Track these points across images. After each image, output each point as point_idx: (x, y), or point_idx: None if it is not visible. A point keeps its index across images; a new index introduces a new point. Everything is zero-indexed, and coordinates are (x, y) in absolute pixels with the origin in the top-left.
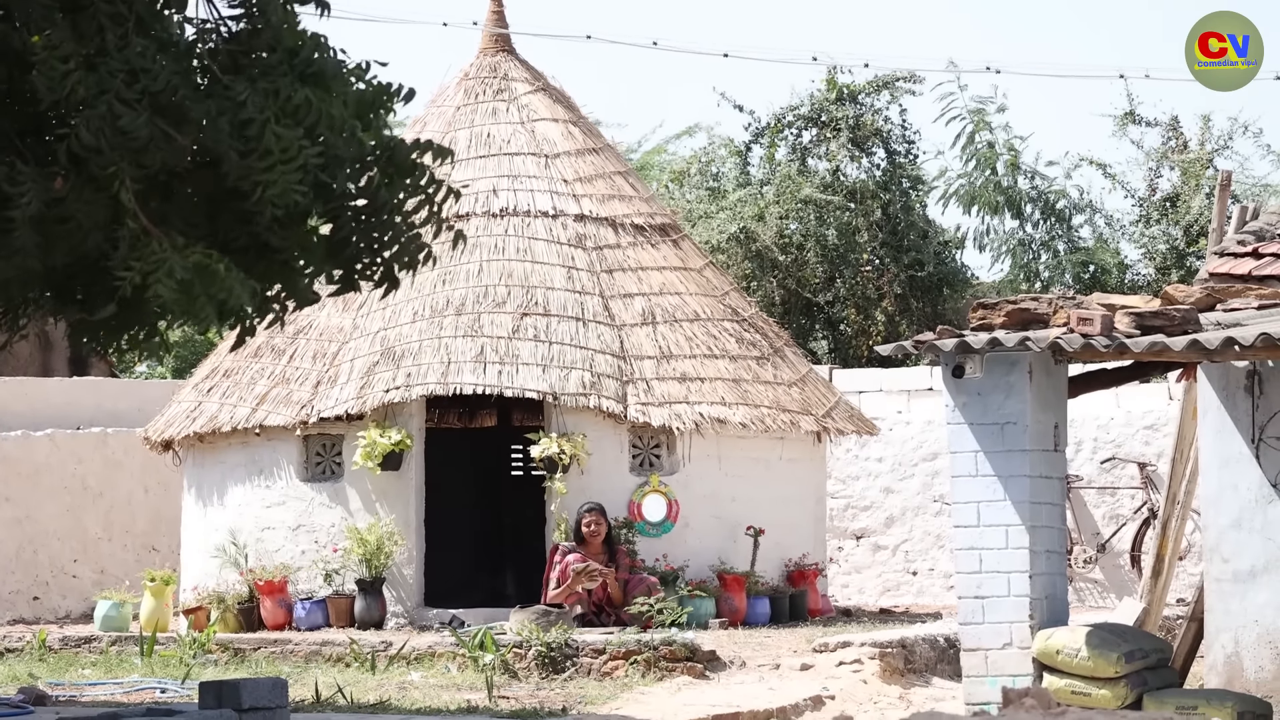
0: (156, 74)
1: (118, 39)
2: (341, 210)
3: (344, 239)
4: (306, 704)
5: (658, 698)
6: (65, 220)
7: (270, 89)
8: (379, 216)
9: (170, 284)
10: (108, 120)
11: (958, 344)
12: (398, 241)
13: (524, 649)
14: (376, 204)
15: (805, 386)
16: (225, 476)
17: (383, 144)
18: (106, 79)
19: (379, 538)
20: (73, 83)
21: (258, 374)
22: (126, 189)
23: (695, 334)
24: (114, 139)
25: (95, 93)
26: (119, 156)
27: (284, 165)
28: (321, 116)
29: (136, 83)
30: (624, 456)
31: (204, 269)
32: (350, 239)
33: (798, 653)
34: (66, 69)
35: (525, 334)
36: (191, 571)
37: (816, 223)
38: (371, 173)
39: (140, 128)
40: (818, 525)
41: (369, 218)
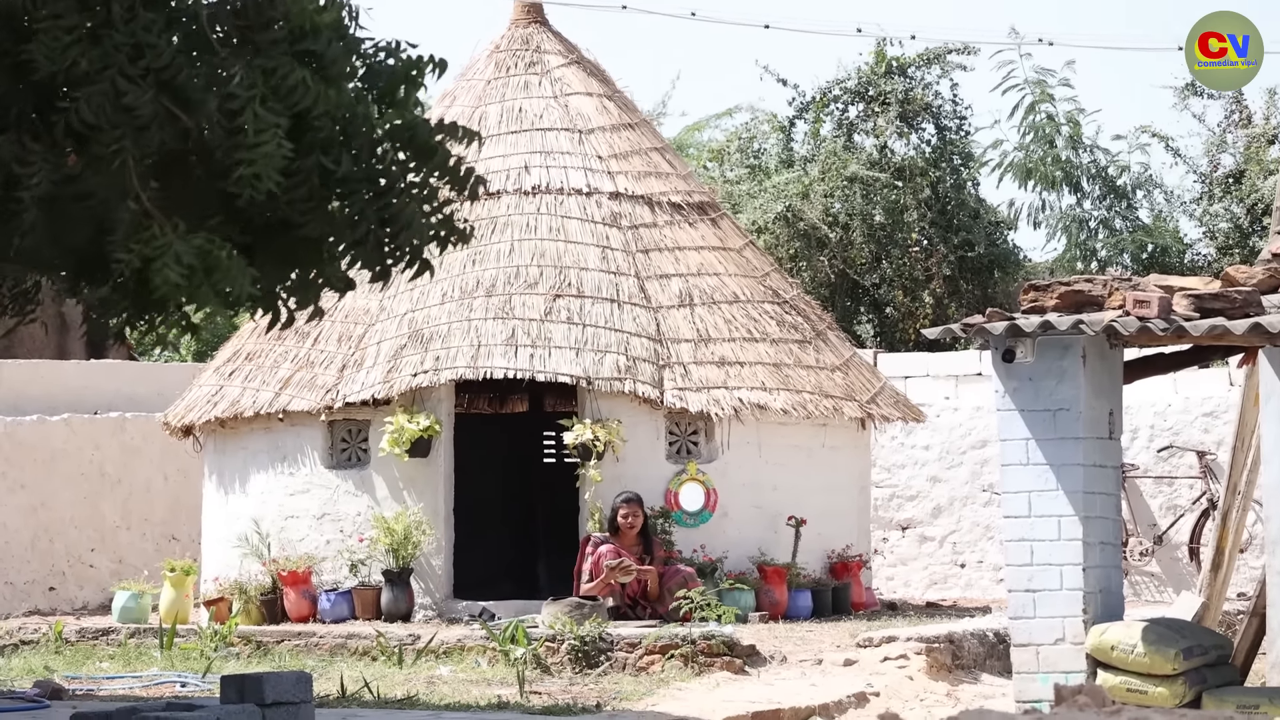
0: (162, 50)
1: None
2: (353, 192)
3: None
4: (331, 699)
5: (695, 694)
6: (84, 197)
7: (266, 67)
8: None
9: (176, 270)
10: (110, 96)
11: (1008, 327)
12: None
13: (557, 643)
14: (391, 186)
15: (849, 371)
16: (247, 463)
17: (406, 123)
18: (110, 53)
19: (406, 527)
20: (74, 55)
21: (281, 357)
22: (130, 168)
23: (734, 316)
24: (116, 116)
25: (99, 67)
26: (121, 134)
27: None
28: (319, 99)
29: (141, 58)
30: (660, 443)
31: (206, 255)
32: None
33: (841, 648)
34: (69, 40)
35: (558, 316)
36: (212, 561)
37: (863, 201)
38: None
39: (144, 105)
40: (862, 515)
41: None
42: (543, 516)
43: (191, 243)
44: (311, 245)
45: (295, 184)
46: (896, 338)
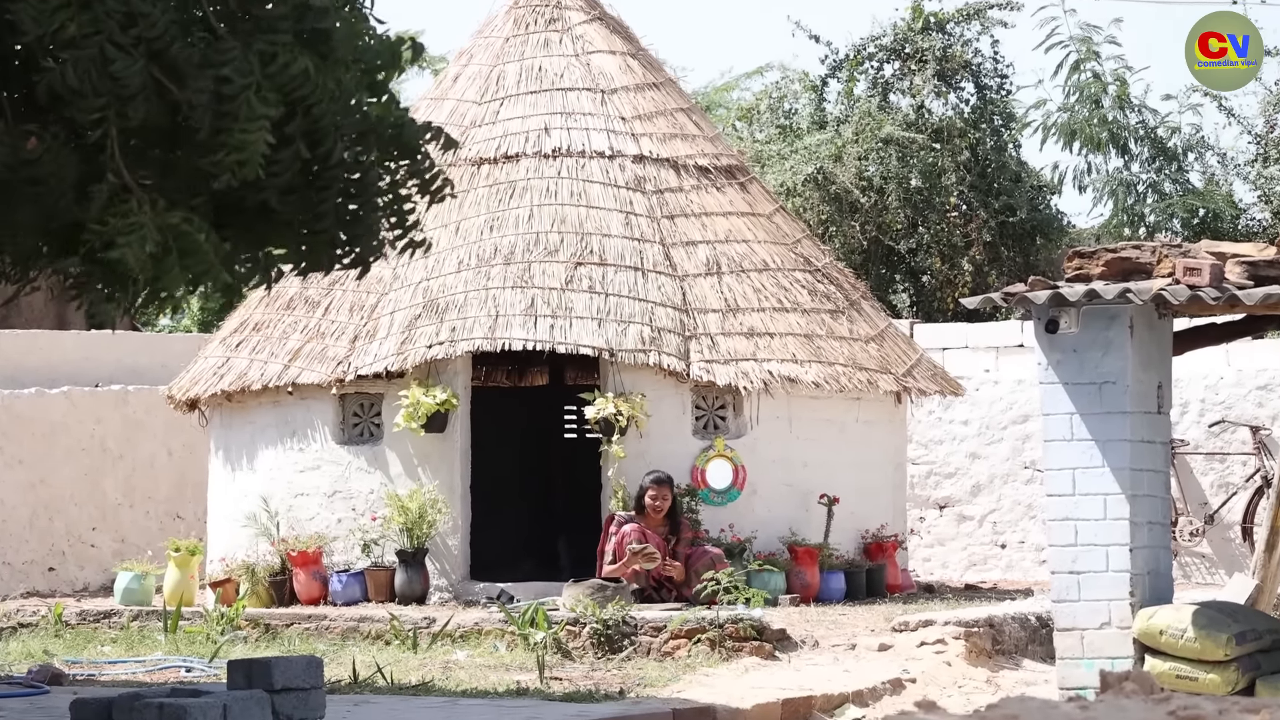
0: (155, 20)
1: None
2: (331, 181)
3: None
4: (343, 684)
5: (723, 680)
6: (36, 183)
7: (265, 52)
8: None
9: (139, 252)
10: (97, 63)
11: (1051, 296)
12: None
13: (578, 626)
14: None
15: (884, 342)
16: (255, 438)
17: (393, 119)
18: (101, 19)
19: (421, 505)
20: (63, 19)
21: (290, 328)
22: (111, 139)
23: (764, 285)
24: (101, 84)
25: (88, 32)
26: (105, 103)
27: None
28: (317, 88)
29: (133, 27)
30: (686, 418)
31: (181, 235)
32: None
33: (875, 632)
34: (58, 3)
35: (579, 285)
36: (219, 541)
37: (898, 164)
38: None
39: (133, 75)
40: (897, 493)
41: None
42: (563, 494)
43: (167, 220)
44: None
45: (277, 172)
46: (934, 307)
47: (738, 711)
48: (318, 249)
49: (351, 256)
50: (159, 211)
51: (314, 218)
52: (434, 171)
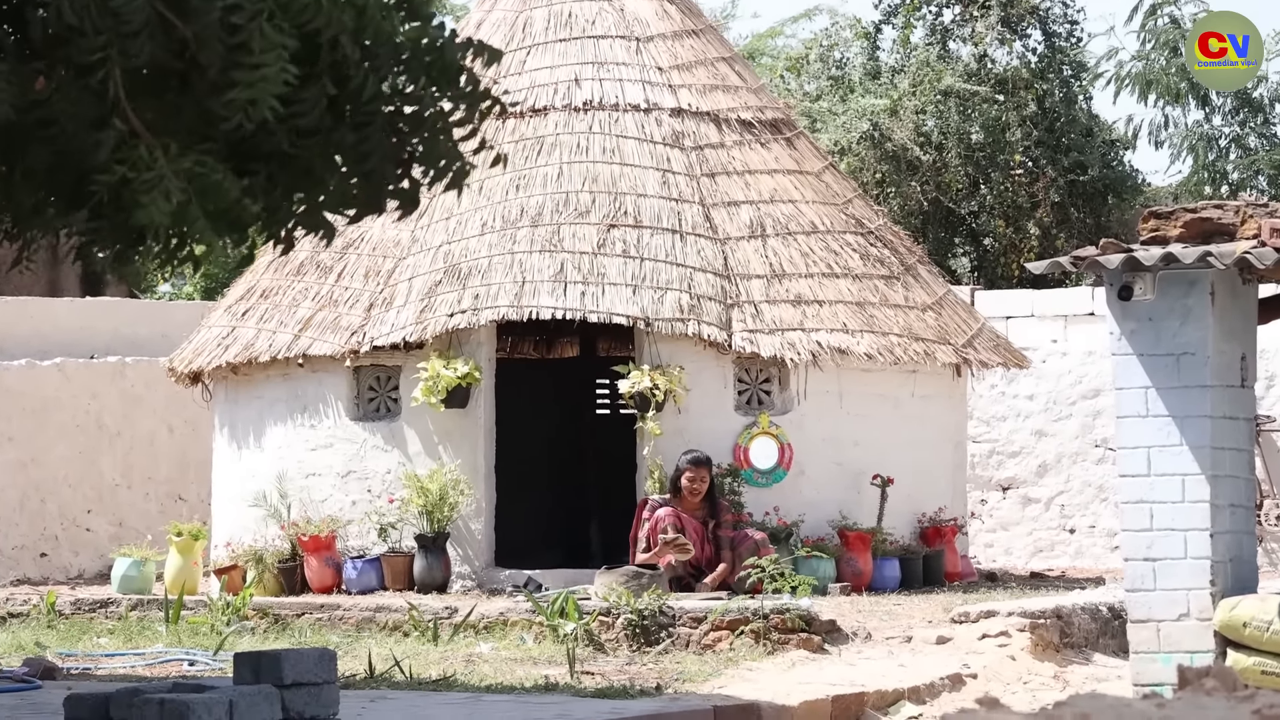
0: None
1: None
2: (369, 118)
3: (367, 151)
4: (358, 679)
5: (768, 675)
6: (47, 124)
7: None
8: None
9: (164, 206)
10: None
11: (1125, 260)
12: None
13: (611, 617)
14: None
15: (943, 311)
16: (263, 414)
17: (429, 39)
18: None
19: (442, 486)
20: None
21: (301, 294)
22: (115, 80)
23: (812, 249)
24: (101, 20)
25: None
26: (106, 42)
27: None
28: (330, 21)
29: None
30: (728, 393)
31: (199, 179)
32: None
33: (933, 623)
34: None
35: (612, 249)
36: (224, 524)
37: (959, 118)
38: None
39: (135, 9)
40: (957, 474)
41: (399, 127)
42: (595, 475)
43: (181, 166)
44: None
45: (298, 113)
46: (997, 273)
47: (784, 709)
48: (367, 190)
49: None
50: (171, 157)
51: (357, 157)
52: (482, 91)
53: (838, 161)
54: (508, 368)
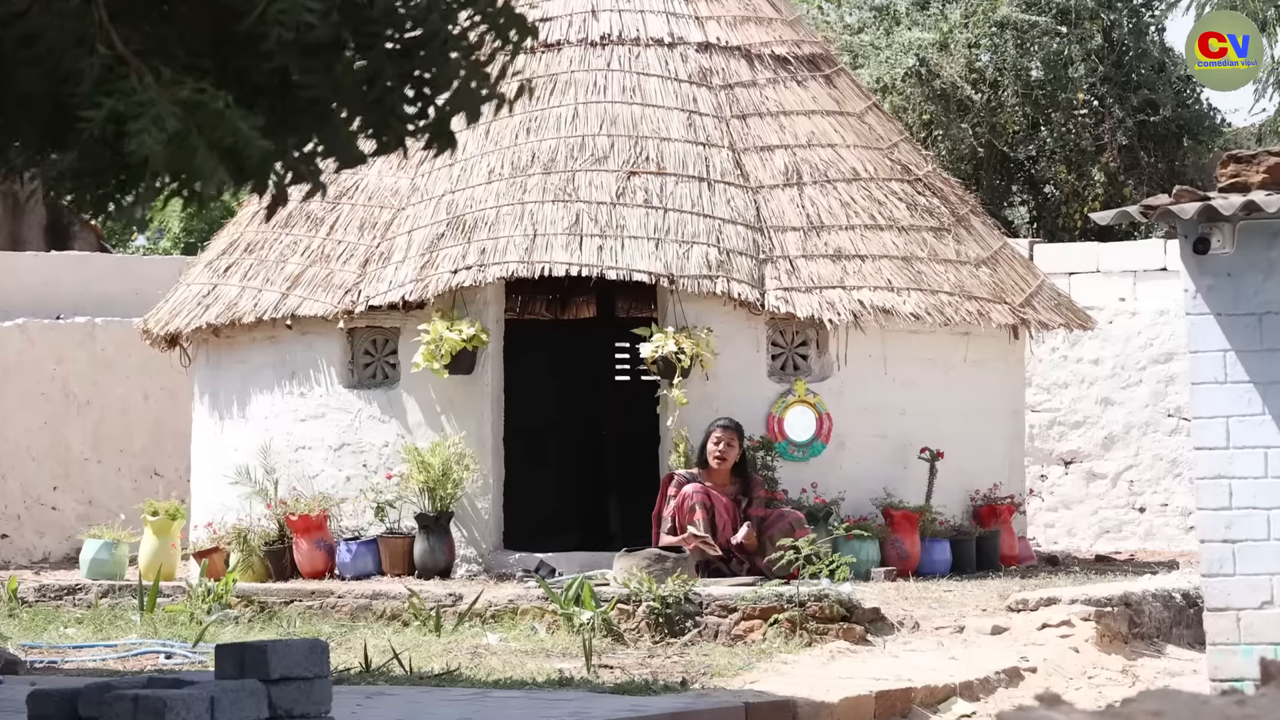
0: None
1: None
2: (375, 41)
3: (377, 79)
4: (353, 673)
5: (804, 668)
6: (29, 42)
7: None
8: (427, 50)
9: (158, 135)
10: None
11: (1202, 209)
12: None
13: (632, 605)
14: (425, 34)
15: (998, 266)
16: (248, 381)
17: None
18: None
19: (445, 461)
20: None
21: (289, 249)
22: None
23: (854, 198)
24: None
25: None
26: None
27: None
28: None
29: None
30: (761, 357)
31: (198, 108)
32: (384, 80)
33: (988, 612)
34: None
35: (633, 198)
36: (205, 503)
37: (1016, 53)
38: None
39: None
40: (1014, 447)
41: (413, 51)
42: (614, 448)
43: (177, 95)
44: (316, 109)
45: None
46: (1058, 224)
47: (822, 705)
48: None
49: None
50: (165, 83)
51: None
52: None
53: (881, 101)
54: (518, 330)
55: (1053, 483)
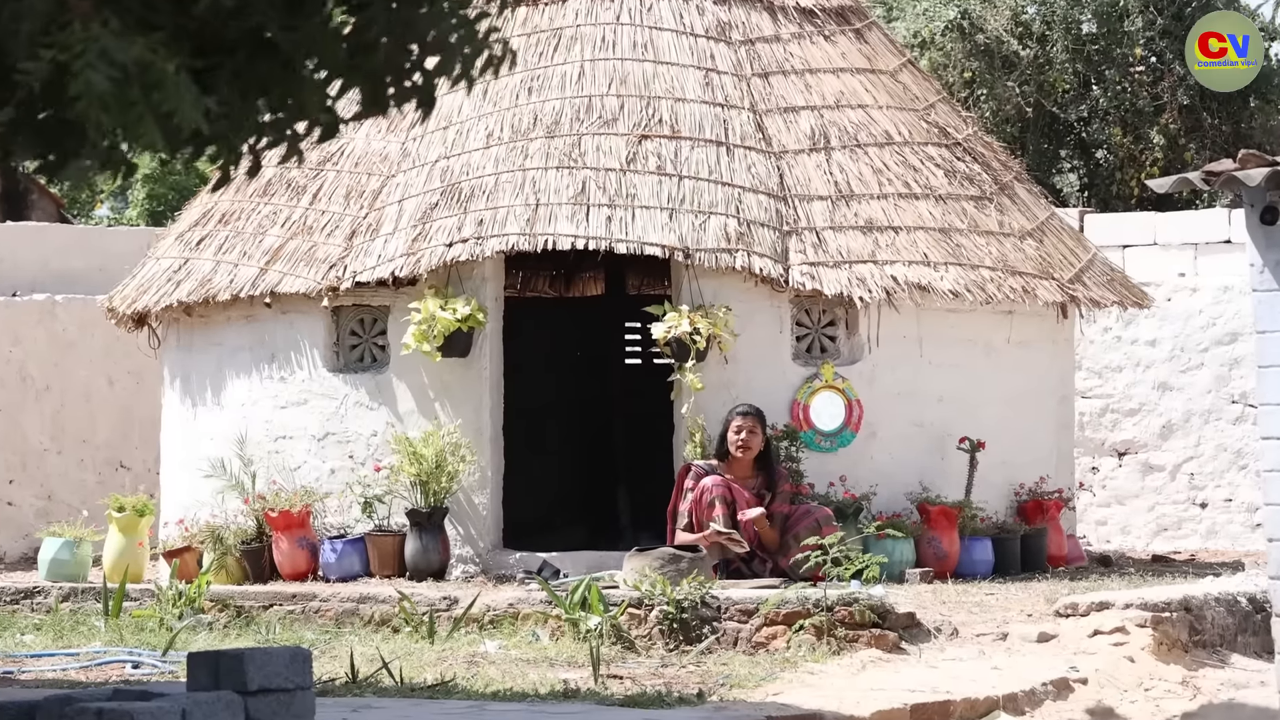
0: None
1: None
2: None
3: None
4: (339, 683)
5: (832, 679)
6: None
7: None
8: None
9: (105, 71)
10: None
11: (1270, 175)
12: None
13: (644, 609)
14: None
15: (1045, 238)
16: (223, 364)
17: None
18: None
19: (439, 451)
20: None
21: (268, 219)
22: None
23: (887, 164)
24: None
25: None
26: None
27: None
28: None
29: None
30: (784, 338)
31: (147, 68)
32: (378, 38)
33: (1034, 617)
34: None
35: (645, 164)
36: (175, 498)
37: (1067, 4)
38: None
39: None
40: (1062, 436)
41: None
42: (624, 438)
43: (129, 52)
44: (287, 68)
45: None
46: (1112, 192)
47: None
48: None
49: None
50: (112, 35)
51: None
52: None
53: (918, 58)
54: (518, 309)
55: (1105, 476)
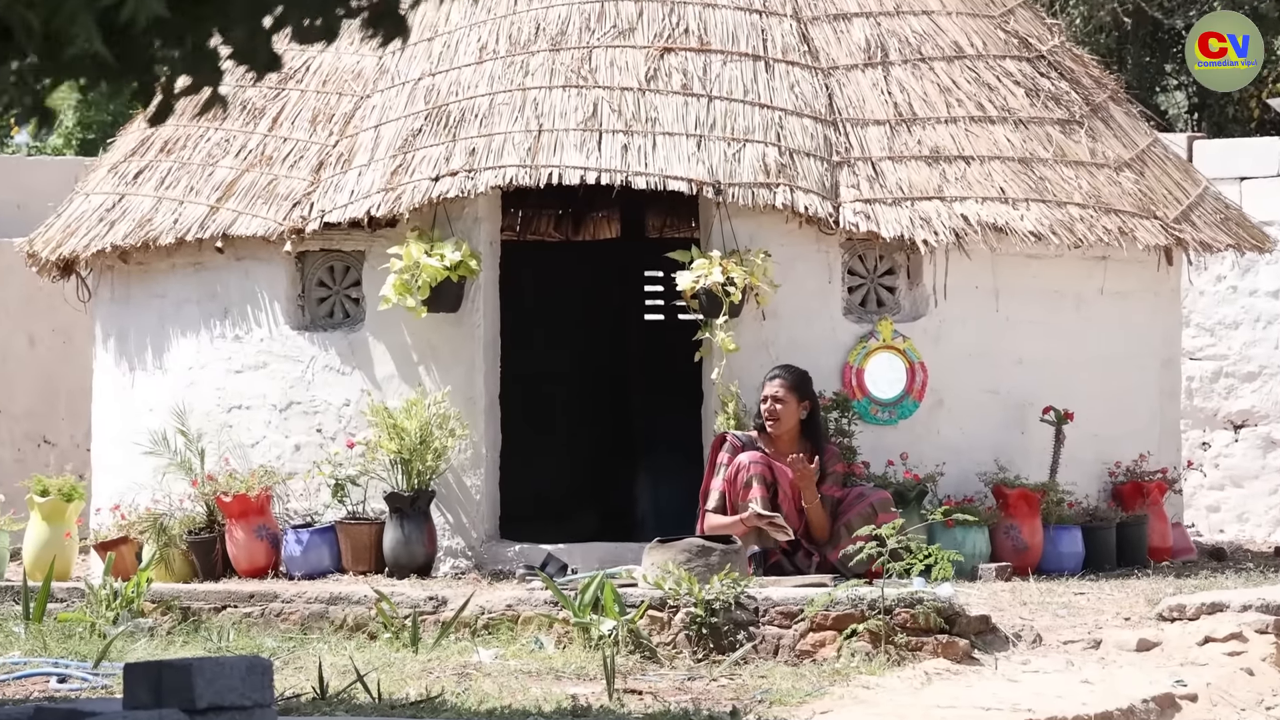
0: None
1: None
2: None
3: None
4: (305, 699)
5: (891, 694)
6: None
7: None
8: None
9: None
10: None
11: None
12: None
13: (667, 611)
14: None
15: (1147, 170)
16: (166, 321)
17: None
18: None
19: (424, 424)
20: None
21: (219, 149)
22: None
23: (956, 82)
24: None
25: None
26: None
27: None
28: None
29: None
30: (834, 290)
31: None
32: None
33: (1132, 621)
34: None
35: (668, 83)
36: (110, 479)
37: None
38: None
39: None
40: (1166, 406)
41: None
42: (643, 407)
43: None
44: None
45: None
46: (1227, 115)
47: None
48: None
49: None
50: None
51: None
52: None
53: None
54: (518, 254)
55: (1218, 453)
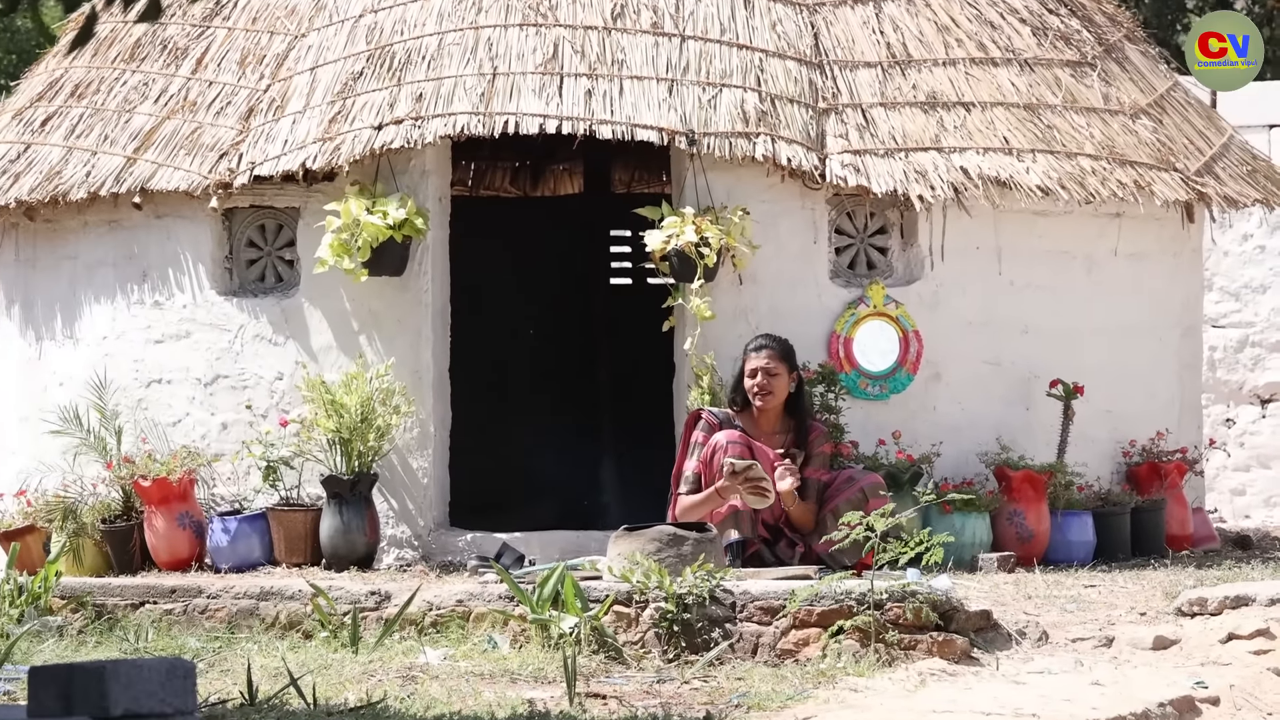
0: None
1: None
2: None
3: None
4: (231, 706)
5: (882, 698)
6: None
7: None
8: None
9: None
10: None
11: None
12: None
13: (635, 606)
14: None
15: (1166, 117)
16: (77, 285)
17: None
18: None
19: (365, 400)
20: None
21: (137, 93)
22: None
23: (955, 20)
24: None
25: None
26: None
27: None
28: None
29: None
30: (820, 250)
31: None
32: None
33: (1148, 616)
34: None
35: (636, 21)
36: (14, 461)
37: None
38: None
39: None
40: (1187, 379)
41: None
42: (609, 382)
43: None
44: None
45: None
46: None
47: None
48: None
49: None
50: None
51: None
52: None
53: None
54: (470, 211)
55: (1244, 430)
